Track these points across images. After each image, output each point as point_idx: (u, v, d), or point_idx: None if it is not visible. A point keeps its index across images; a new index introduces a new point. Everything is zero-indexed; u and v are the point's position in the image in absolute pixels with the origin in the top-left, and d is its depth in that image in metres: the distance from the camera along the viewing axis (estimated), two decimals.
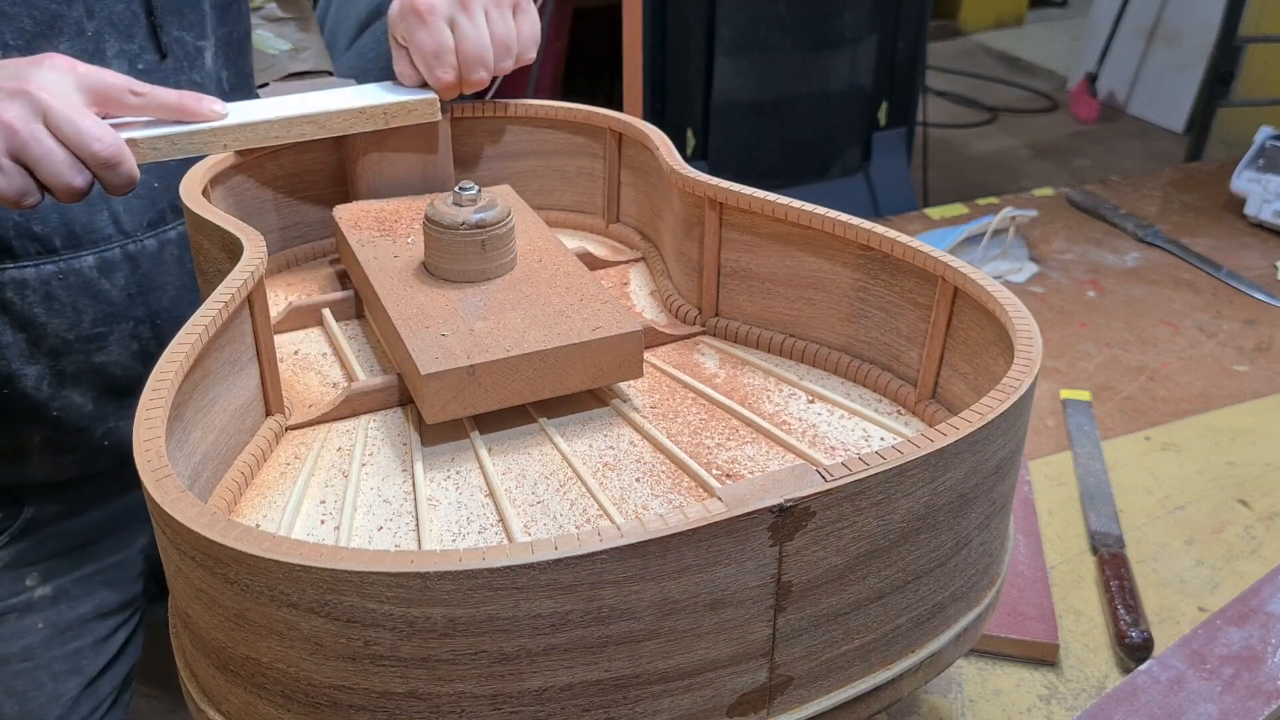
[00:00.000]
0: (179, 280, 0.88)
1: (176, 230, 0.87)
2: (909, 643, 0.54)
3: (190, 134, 0.69)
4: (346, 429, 0.65)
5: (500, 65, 0.76)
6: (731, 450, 0.63)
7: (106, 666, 0.94)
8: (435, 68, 0.75)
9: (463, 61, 0.75)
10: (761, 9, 2.08)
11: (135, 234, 0.84)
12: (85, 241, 0.82)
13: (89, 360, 0.85)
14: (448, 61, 0.75)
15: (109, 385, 0.87)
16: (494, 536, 0.56)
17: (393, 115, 0.76)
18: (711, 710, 0.48)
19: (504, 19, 0.75)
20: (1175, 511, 0.92)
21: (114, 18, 0.80)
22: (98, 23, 0.79)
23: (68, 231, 0.81)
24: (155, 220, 0.85)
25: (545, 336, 0.62)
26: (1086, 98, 3.62)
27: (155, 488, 0.46)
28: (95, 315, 0.84)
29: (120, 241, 0.83)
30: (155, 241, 0.85)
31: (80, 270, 0.82)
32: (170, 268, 0.87)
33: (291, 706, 0.46)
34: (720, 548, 0.44)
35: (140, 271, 0.85)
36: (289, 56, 1.31)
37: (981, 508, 0.53)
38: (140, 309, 0.86)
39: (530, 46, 0.78)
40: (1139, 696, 0.70)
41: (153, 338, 0.87)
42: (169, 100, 0.68)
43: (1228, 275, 1.29)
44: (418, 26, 0.74)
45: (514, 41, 0.76)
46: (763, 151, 2.23)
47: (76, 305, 0.82)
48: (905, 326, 0.67)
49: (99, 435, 0.87)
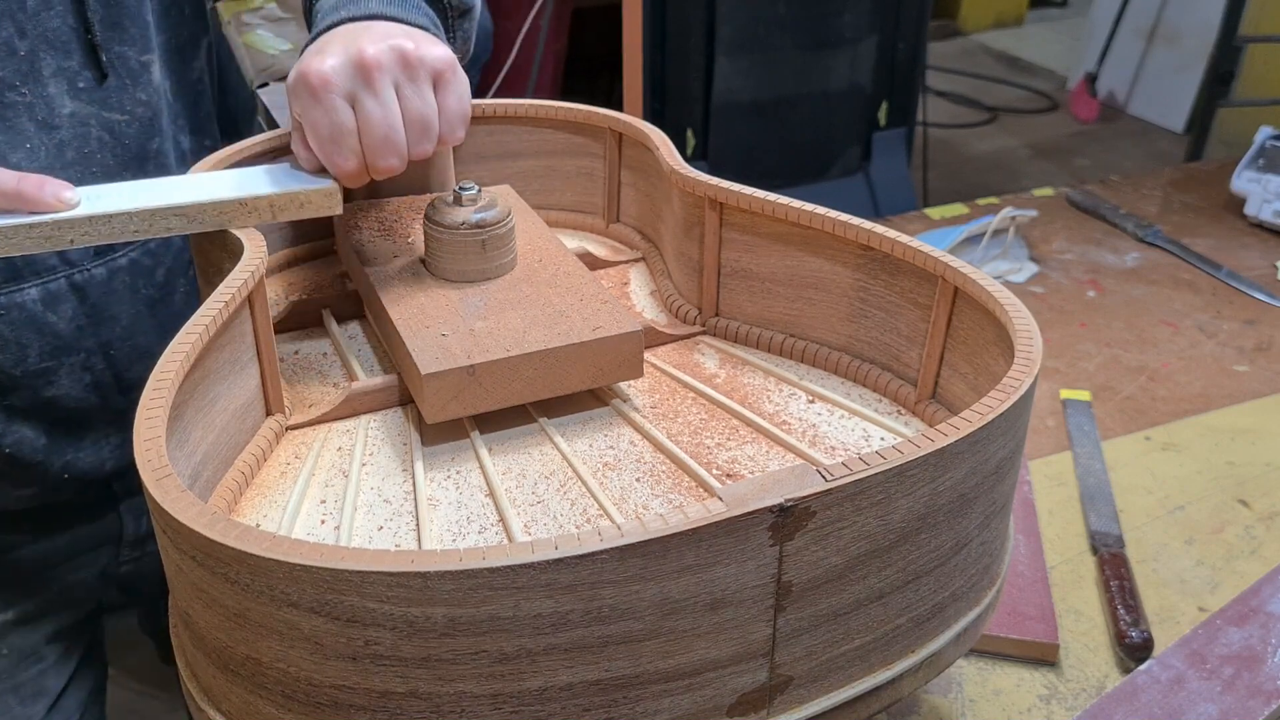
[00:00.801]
0: (132, 309, 0.82)
1: (128, 257, 0.81)
2: (909, 643, 0.54)
3: (30, 225, 0.60)
4: (347, 429, 0.65)
5: (417, 149, 0.64)
6: (732, 450, 0.63)
7: (68, 684, 0.92)
8: (333, 154, 0.64)
9: (367, 147, 0.63)
10: (761, 9, 2.08)
11: (82, 263, 0.78)
12: (27, 273, 0.76)
13: (37, 395, 0.80)
14: (347, 146, 0.63)
15: (62, 419, 0.82)
16: (494, 536, 0.57)
17: (281, 208, 0.65)
18: (711, 710, 0.48)
19: (419, 94, 0.64)
20: (1175, 511, 0.92)
21: (49, 35, 0.73)
22: (31, 41, 0.73)
23: (6, 263, 0.75)
24: (103, 248, 0.79)
25: (545, 336, 0.62)
26: (1086, 98, 3.62)
27: (156, 487, 0.46)
28: (42, 349, 0.78)
29: (65, 272, 0.78)
30: (104, 270, 0.80)
31: (22, 304, 0.76)
32: (122, 296, 0.81)
33: (292, 706, 0.46)
34: (720, 548, 0.45)
35: (89, 302, 0.79)
36: (289, 56, 1.31)
37: (981, 508, 0.53)
38: (90, 340, 0.80)
39: (457, 125, 0.66)
40: (1139, 696, 0.70)
41: (106, 369, 0.82)
42: (5, 187, 0.60)
43: (1228, 275, 1.29)
44: (310, 104, 0.63)
45: (433, 120, 0.64)
46: (763, 151, 2.23)
47: (20, 340, 0.77)
48: (905, 326, 0.67)
49: (57, 468, 0.83)
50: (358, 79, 0.62)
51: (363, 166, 0.64)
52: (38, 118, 0.74)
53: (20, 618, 0.89)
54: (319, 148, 0.64)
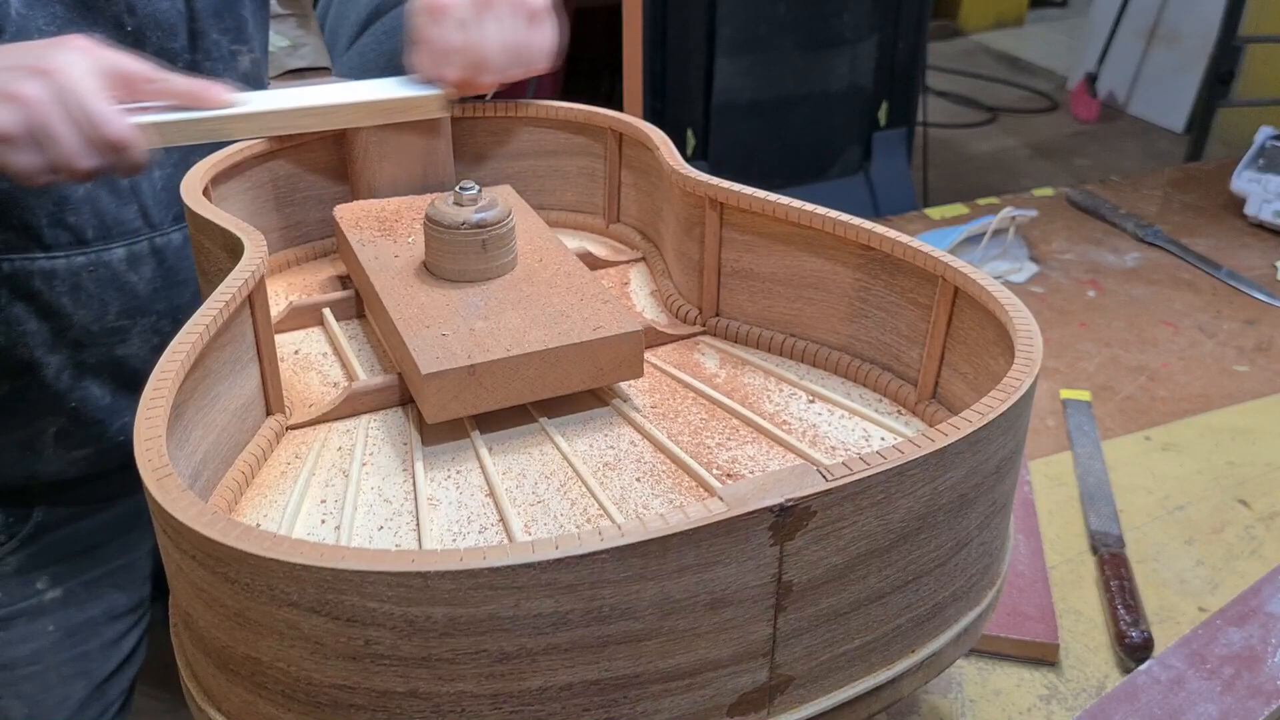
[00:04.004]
0: None
1: None
2: (909, 643, 0.54)
3: (199, 120, 0.70)
4: (347, 428, 0.65)
5: (509, 72, 0.76)
6: (732, 450, 0.63)
7: (115, 670, 0.94)
8: (442, 65, 0.76)
9: (470, 63, 0.75)
10: (761, 9, 2.08)
11: (162, 227, 0.84)
12: (115, 234, 0.82)
13: (110, 352, 0.85)
14: (455, 61, 0.75)
15: (127, 378, 0.87)
16: (494, 536, 0.57)
17: (396, 110, 0.77)
18: (712, 710, 0.48)
19: (518, 27, 0.76)
20: (1175, 511, 0.92)
21: (158, 15, 0.80)
22: (138, 18, 0.79)
23: (99, 223, 0.81)
24: (181, 214, 0.84)
25: (546, 336, 0.62)
26: (1086, 98, 3.62)
27: (156, 487, 0.46)
28: (120, 308, 0.84)
29: (148, 234, 0.83)
30: (180, 235, 0.85)
31: (109, 263, 0.82)
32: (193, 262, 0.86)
33: (292, 706, 0.46)
34: (720, 547, 0.45)
35: (166, 265, 0.85)
36: (286, 53, 1.31)
37: (981, 508, 0.53)
38: (163, 303, 0.86)
39: (542, 58, 0.78)
40: (1139, 696, 0.71)
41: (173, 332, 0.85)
42: (182, 87, 0.70)
43: (1228, 275, 1.29)
44: (430, 23, 0.75)
45: (524, 50, 0.76)
46: (763, 151, 2.23)
47: (103, 297, 0.83)
48: (905, 326, 0.67)
49: (113, 430, 0.87)
50: (470, 7, 0.74)
51: (464, 79, 0.76)
52: None
53: (68, 596, 0.91)
54: (430, 60, 0.76)
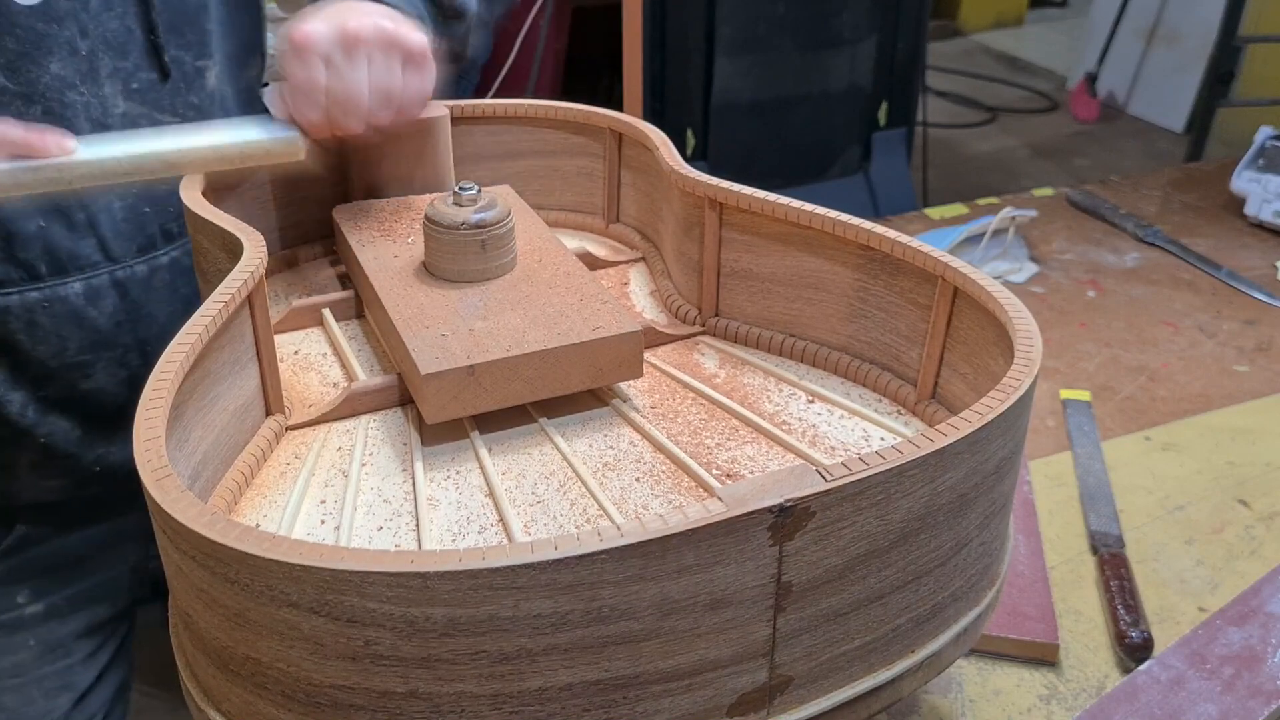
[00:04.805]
0: (170, 307, 0.85)
1: (169, 256, 0.84)
2: (909, 643, 0.54)
3: (37, 169, 0.67)
4: (346, 429, 0.65)
5: (378, 116, 0.71)
6: (731, 450, 0.63)
7: (96, 681, 0.93)
8: (301, 105, 0.70)
9: (331, 103, 0.70)
10: (761, 9, 2.08)
11: (123, 259, 0.81)
12: (71, 268, 0.79)
13: (75, 388, 0.82)
14: (315, 101, 0.70)
15: (96, 413, 0.84)
16: (494, 536, 0.57)
17: (249, 155, 0.72)
18: (711, 710, 0.48)
19: (389, 69, 0.71)
20: (1175, 511, 0.92)
21: (109, 36, 0.77)
22: (92, 41, 0.76)
23: (51, 258, 0.78)
24: (145, 245, 0.82)
25: (545, 336, 0.62)
26: (1086, 98, 3.62)
27: (155, 487, 0.46)
28: (81, 343, 0.81)
29: (108, 268, 0.81)
30: (146, 267, 0.83)
31: (65, 298, 0.79)
32: (161, 294, 0.84)
33: (292, 706, 0.46)
34: (720, 548, 0.45)
35: (129, 299, 0.82)
36: None
37: (981, 508, 0.53)
38: (128, 337, 0.83)
39: (416, 103, 0.73)
40: (1139, 696, 0.70)
41: (141, 365, 0.84)
42: (15, 136, 0.66)
43: (1228, 275, 1.29)
44: (291, 59, 0.70)
45: (396, 93, 0.71)
46: (763, 151, 2.23)
47: (60, 333, 0.80)
48: (905, 326, 0.67)
49: (88, 461, 0.85)
50: (337, 45, 0.69)
51: (325, 122, 0.71)
52: (93, 116, 0.77)
53: (50, 611, 0.90)
54: (291, 99, 0.71)
